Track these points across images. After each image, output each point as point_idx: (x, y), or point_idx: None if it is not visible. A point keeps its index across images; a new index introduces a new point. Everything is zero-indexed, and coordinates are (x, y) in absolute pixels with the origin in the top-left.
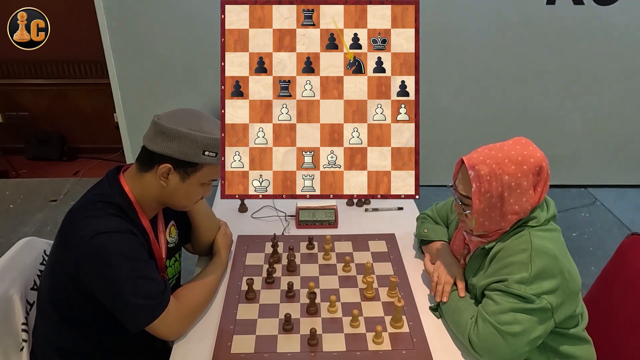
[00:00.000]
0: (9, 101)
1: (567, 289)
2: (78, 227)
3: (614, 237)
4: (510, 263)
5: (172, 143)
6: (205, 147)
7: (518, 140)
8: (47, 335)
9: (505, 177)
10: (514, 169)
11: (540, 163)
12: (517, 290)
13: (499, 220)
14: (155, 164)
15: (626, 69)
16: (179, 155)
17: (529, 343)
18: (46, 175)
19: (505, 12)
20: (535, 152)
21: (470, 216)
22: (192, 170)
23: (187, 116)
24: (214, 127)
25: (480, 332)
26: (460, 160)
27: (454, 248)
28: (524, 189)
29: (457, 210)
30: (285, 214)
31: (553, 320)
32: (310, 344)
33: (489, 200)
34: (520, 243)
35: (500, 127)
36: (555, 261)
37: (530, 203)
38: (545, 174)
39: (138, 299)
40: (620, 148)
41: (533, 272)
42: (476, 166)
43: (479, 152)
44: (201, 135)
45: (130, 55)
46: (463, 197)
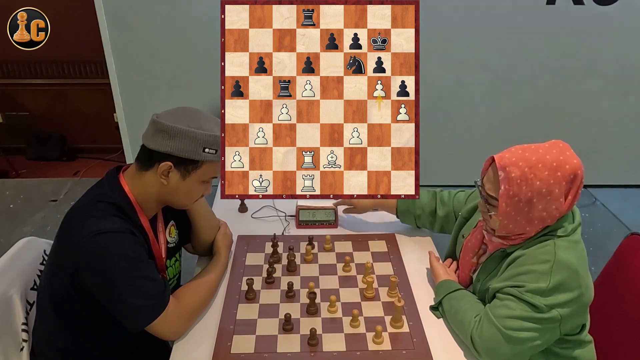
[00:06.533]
0: (9, 101)
1: (581, 302)
2: (78, 227)
3: (614, 237)
4: (529, 270)
5: (172, 141)
6: (206, 144)
7: (555, 144)
8: (47, 335)
9: (536, 183)
10: (547, 174)
11: (575, 170)
12: (531, 299)
13: (524, 224)
14: (155, 163)
15: (626, 69)
16: (179, 153)
17: (531, 349)
18: (46, 175)
19: (506, 12)
20: (572, 158)
21: (495, 217)
22: (193, 168)
23: (186, 114)
24: (214, 125)
25: (484, 332)
26: (490, 158)
27: (468, 246)
28: (555, 197)
29: (482, 209)
30: (285, 214)
31: (559, 330)
32: (310, 344)
33: (516, 204)
34: (544, 253)
35: (500, 127)
36: (576, 276)
37: (559, 211)
38: (579, 182)
39: (137, 299)
40: (620, 148)
41: (552, 284)
42: (507, 167)
43: (512, 152)
44: (201, 132)
45: (130, 55)
46: (490, 197)
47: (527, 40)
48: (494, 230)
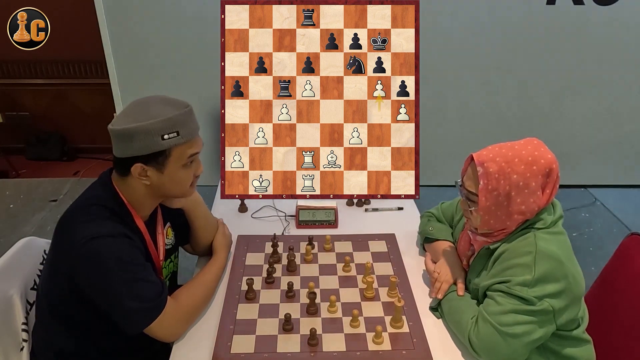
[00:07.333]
0: (9, 101)
1: (571, 293)
2: (72, 231)
3: (614, 237)
4: (514, 265)
5: (129, 143)
6: (161, 132)
7: (530, 141)
8: (46, 336)
9: (513, 176)
10: (523, 168)
11: (550, 165)
12: (519, 292)
13: (504, 219)
14: (128, 168)
15: (626, 68)
16: (141, 152)
17: (529, 344)
18: (46, 175)
19: (506, 12)
20: (546, 153)
21: (476, 213)
22: (163, 159)
23: (135, 109)
24: (164, 108)
25: (481, 332)
26: (469, 157)
27: (460, 249)
28: (532, 190)
29: (463, 207)
30: (285, 214)
31: (555, 323)
32: (310, 344)
33: (495, 199)
34: (525, 245)
35: (500, 127)
36: (560, 265)
37: (538, 204)
38: (555, 177)
39: (134, 303)
40: (620, 148)
41: (536, 275)
42: (485, 163)
43: (489, 149)
44: (151, 122)
45: (130, 55)
46: (470, 193)
47: (527, 40)
48: (476, 229)
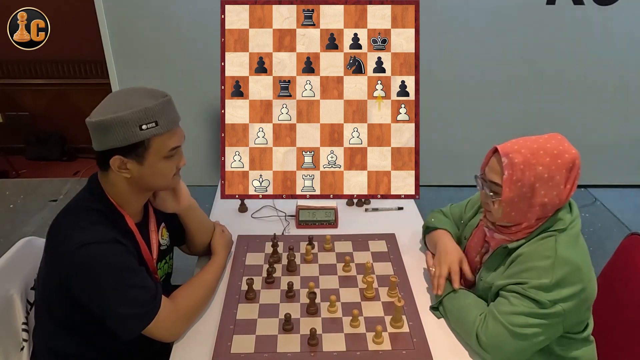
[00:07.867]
0: (9, 101)
1: (584, 297)
2: (62, 237)
3: (614, 237)
4: (532, 267)
5: (107, 135)
6: (139, 122)
7: (554, 136)
8: (45, 338)
9: (539, 168)
10: (548, 160)
11: (574, 159)
12: (534, 295)
13: (525, 211)
14: (107, 161)
15: (626, 69)
16: (119, 143)
17: (535, 345)
18: (46, 175)
19: (506, 12)
20: (570, 148)
21: (497, 205)
22: (142, 150)
23: (113, 101)
24: (142, 98)
25: (490, 330)
26: (492, 149)
27: (471, 246)
28: (556, 183)
29: (484, 199)
30: (285, 214)
31: (562, 325)
32: (310, 344)
33: (519, 190)
34: (545, 249)
35: (500, 127)
36: (578, 271)
37: (560, 198)
38: (577, 172)
39: (126, 309)
40: (620, 148)
41: (555, 279)
42: (510, 154)
43: (514, 142)
44: (128, 112)
45: (130, 55)
46: (493, 184)
47: (527, 41)
48: (494, 225)
